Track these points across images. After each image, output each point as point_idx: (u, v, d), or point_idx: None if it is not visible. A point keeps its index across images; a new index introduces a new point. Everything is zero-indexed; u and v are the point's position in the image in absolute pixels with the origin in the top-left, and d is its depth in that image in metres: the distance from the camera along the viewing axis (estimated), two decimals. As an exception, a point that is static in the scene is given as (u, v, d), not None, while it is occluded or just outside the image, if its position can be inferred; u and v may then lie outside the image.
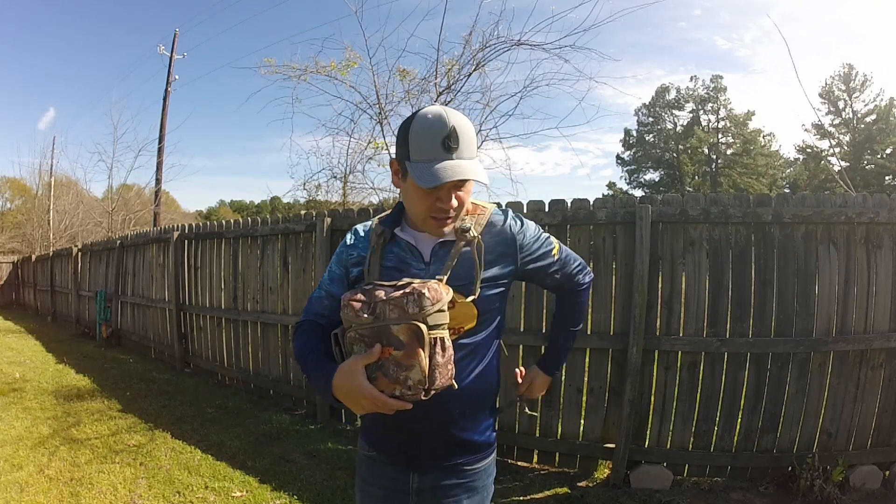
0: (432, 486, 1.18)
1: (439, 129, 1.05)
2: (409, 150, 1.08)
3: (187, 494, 2.90)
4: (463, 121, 1.07)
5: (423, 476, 1.18)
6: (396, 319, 0.99)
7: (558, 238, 1.40)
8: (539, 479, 3.07)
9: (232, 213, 49.71)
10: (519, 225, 1.22)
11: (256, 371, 4.86)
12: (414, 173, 1.06)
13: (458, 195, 1.09)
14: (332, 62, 6.17)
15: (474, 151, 1.10)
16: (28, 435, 3.79)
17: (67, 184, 20.30)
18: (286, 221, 4.59)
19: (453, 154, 1.05)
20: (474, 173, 1.06)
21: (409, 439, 1.17)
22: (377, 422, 1.15)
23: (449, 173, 1.03)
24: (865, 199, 2.90)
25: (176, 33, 16.00)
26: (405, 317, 0.99)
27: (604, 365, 3.09)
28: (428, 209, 1.10)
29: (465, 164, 1.06)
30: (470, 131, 1.08)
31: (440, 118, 1.06)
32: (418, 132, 1.07)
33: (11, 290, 16.26)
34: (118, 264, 7.65)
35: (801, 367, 2.89)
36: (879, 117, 31.26)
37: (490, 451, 1.25)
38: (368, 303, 1.03)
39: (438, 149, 1.05)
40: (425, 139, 1.06)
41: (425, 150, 1.06)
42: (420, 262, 1.15)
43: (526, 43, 5.38)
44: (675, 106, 39.76)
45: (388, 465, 1.20)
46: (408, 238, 1.17)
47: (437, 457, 1.18)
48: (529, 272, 1.25)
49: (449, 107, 1.11)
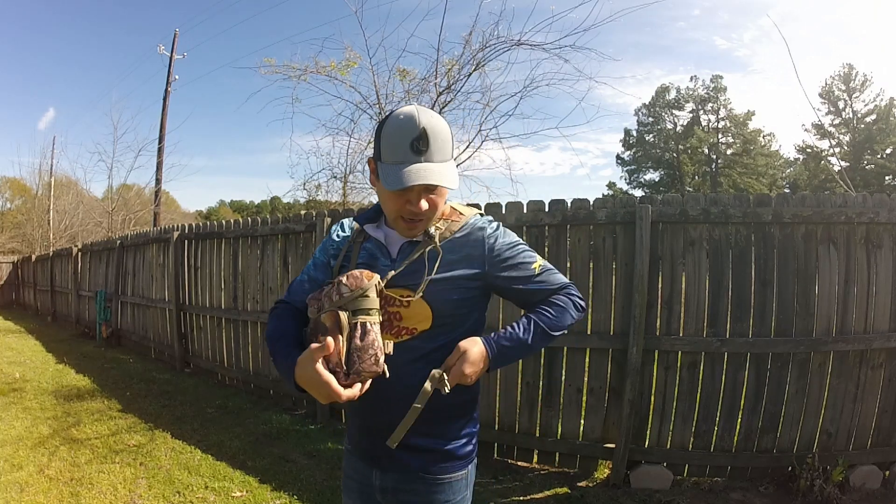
0: (393, 488, 1.17)
1: (409, 131, 1.03)
2: (380, 151, 1.07)
3: (187, 494, 2.90)
4: (436, 122, 1.05)
5: (384, 475, 1.17)
6: (326, 309, 1.03)
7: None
8: (539, 479, 3.07)
9: (232, 213, 49.72)
10: (493, 230, 1.16)
11: (256, 371, 4.86)
12: (382, 175, 1.05)
13: (430, 198, 1.07)
14: (332, 62, 6.18)
15: (447, 154, 1.07)
16: (28, 435, 3.79)
17: (67, 184, 20.32)
18: (286, 221, 4.59)
19: (422, 157, 1.03)
20: (441, 178, 1.03)
21: (369, 436, 1.18)
22: (351, 417, 1.21)
23: (413, 177, 1.01)
24: (865, 199, 2.90)
25: (176, 33, 16.00)
26: (332, 304, 1.03)
27: (604, 365, 3.09)
28: (398, 210, 1.08)
29: (433, 167, 1.03)
30: (443, 133, 1.05)
31: (411, 119, 1.03)
32: (389, 133, 1.05)
33: (11, 290, 16.26)
34: (118, 264, 7.65)
35: (801, 367, 2.89)
36: (879, 117, 31.26)
37: (461, 465, 1.18)
38: (318, 299, 1.06)
39: (407, 151, 1.03)
40: (395, 140, 1.04)
41: (395, 152, 1.04)
42: (387, 258, 1.15)
43: (526, 43, 5.39)
44: (675, 106, 39.78)
45: (358, 460, 1.22)
46: (378, 236, 1.18)
47: (393, 458, 1.14)
48: (502, 281, 1.15)
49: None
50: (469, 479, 1.21)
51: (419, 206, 1.06)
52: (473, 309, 1.17)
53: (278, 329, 1.14)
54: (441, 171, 1.03)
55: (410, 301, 1.09)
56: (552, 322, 1.15)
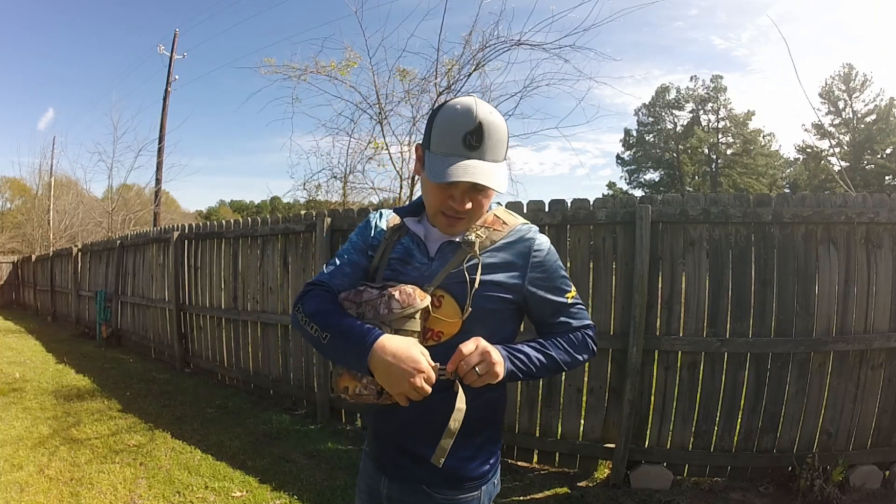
0: (398, 498, 1.11)
1: (464, 123, 0.96)
2: (430, 139, 1.01)
3: (187, 494, 2.90)
4: (494, 118, 0.98)
5: (391, 483, 1.12)
6: (371, 320, 0.98)
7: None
8: (539, 479, 3.07)
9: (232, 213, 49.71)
10: (543, 244, 1.09)
11: (256, 371, 4.86)
12: (428, 164, 0.99)
13: (475, 198, 1.01)
14: (332, 62, 6.19)
15: (501, 154, 1.00)
16: (28, 435, 3.79)
17: (67, 184, 20.33)
18: (286, 221, 4.59)
19: (474, 153, 0.97)
20: (490, 178, 0.96)
21: (377, 440, 1.15)
22: (367, 419, 1.17)
23: (460, 173, 0.95)
24: (865, 199, 2.90)
25: (176, 33, 16.01)
26: (377, 318, 0.98)
27: (604, 365, 3.09)
28: (440, 205, 1.02)
29: (483, 166, 0.97)
30: (499, 131, 0.99)
31: (468, 111, 0.97)
32: (443, 122, 0.99)
33: (11, 290, 16.26)
34: (118, 264, 7.65)
35: (801, 367, 2.89)
36: (879, 117, 31.26)
37: (472, 486, 1.08)
38: (355, 302, 1.02)
39: (459, 144, 0.97)
40: (448, 131, 0.98)
41: (445, 143, 0.98)
42: (425, 256, 1.08)
43: (526, 43, 5.40)
44: (675, 106, 39.79)
45: (371, 463, 1.19)
46: (418, 231, 1.10)
47: (399, 466, 1.09)
48: (534, 299, 1.08)
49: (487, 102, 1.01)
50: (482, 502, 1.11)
51: (462, 205, 1.00)
52: (506, 322, 1.09)
53: (327, 305, 1.03)
54: (491, 172, 0.97)
55: (442, 300, 1.03)
56: (566, 360, 1.10)
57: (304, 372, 4.38)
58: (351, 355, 0.96)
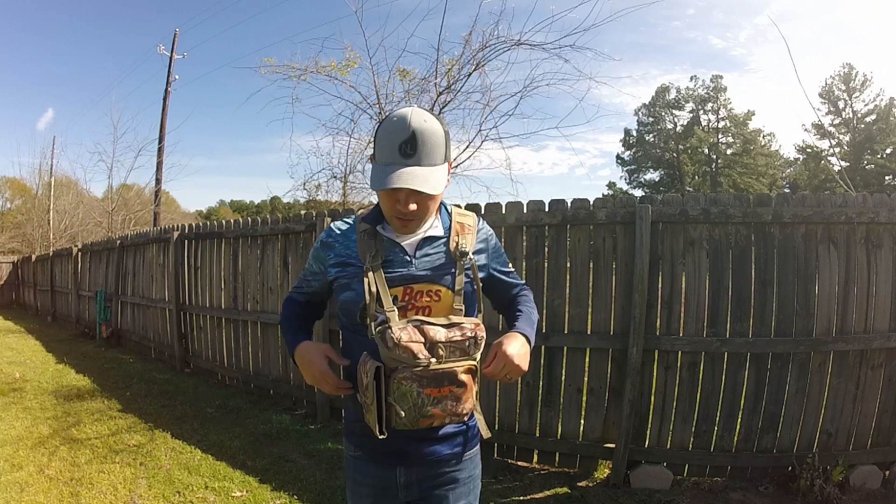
0: (418, 479, 1.20)
1: (399, 133, 1.05)
2: (375, 151, 1.11)
3: (187, 494, 2.90)
4: (428, 126, 1.06)
5: (410, 469, 1.19)
6: (459, 362, 1.07)
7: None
8: (539, 479, 3.07)
9: (232, 213, 49.71)
10: (492, 233, 1.32)
11: (256, 371, 4.86)
12: (372, 174, 1.09)
13: (418, 200, 1.09)
14: (332, 62, 6.19)
15: (438, 158, 1.08)
16: (28, 435, 3.79)
17: (67, 184, 20.32)
18: (286, 221, 4.59)
19: (410, 160, 1.05)
20: (424, 183, 1.04)
21: (392, 437, 1.14)
22: (360, 423, 1.16)
23: (395, 179, 1.03)
24: (865, 199, 2.90)
25: (176, 33, 16.00)
26: (466, 358, 1.08)
27: (604, 365, 3.09)
28: (390, 209, 1.12)
29: (418, 171, 1.04)
30: (433, 136, 1.07)
31: (402, 121, 1.05)
32: (382, 133, 1.08)
33: (11, 290, 16.25)
34: (118, 264, 7.65)
35: (801, 367, 2.89)
36: (879, 117, 31.26)
37: (473, 441, 1.26)
38: (426, 344, 1.05)
39: (395, 153, 1.05)
40: (385, 141, 1.07)
41: (384, 153, 1.07)
42: (405, 255, 1.17)
43: (526, 43, 5.40)
44: (675, 106, 39.79)
45: (369, 463, 1.21)
46: (390, 235, 1.18)
47: (421, 451, 1.18)
48: (493, 278, 1.30)
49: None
50: (479, 454, 1.30)
51: (407, 207, 1.09)
52: (475, 296, 1.24)
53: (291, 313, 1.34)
54: (425, 176, 1.05)
55: (441, 294, 1.15)
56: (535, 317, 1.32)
57: (304, 372, 4.37)
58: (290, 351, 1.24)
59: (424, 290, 1.14)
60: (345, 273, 1.19)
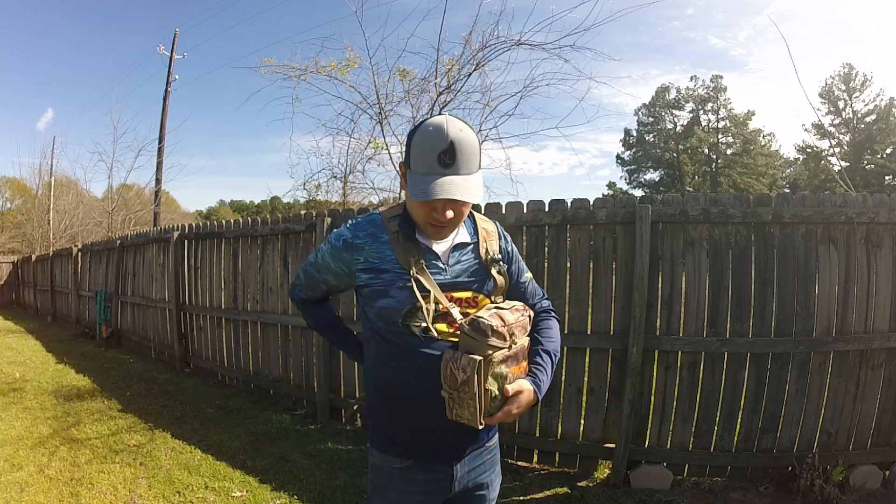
0: (469, 470, 1.23)
1: (437, 143, 1.06)
2: (410, 159, 1.11)
3: (187, 494, 2.90)
4: (464, 135, 1.08)
5: (462, 464, 1.21)
6: (524, 338, 1.16)
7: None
8: (539, 479, 3.07)
9: (232, 213, 49.70)
10: (510, 238, 1.35)
11: (256, 371, 4.86)
12: (410, 184, 1.10)
13: (455, 208, 1.11)
14: (332, 62, 6.19)
15: (474, 166, 1.10)
16: (28, 435, 3.79)
17: (67, 184, 20.32)
18: (286, 221, 4.59)
19: (449, 170, 1.07)
20: (465, 192, 1.07)
21: (444, 434, 1.17)
22: (407, 430, 1.18)
23: (438, 190, 1.05)
24: (865, 199, 2.90)
25: (176, 33, 16.00)
26: (525, 335, 1.17)
27: (604, 365, 3.09)
28: (426, 217, 1.13)
29: (458, 181, 1.07)
30: (470, 145, 1.08)
31: (440, 131, 1.06)
32: (418, 143, 1.09)
33: (11, 290, 16.25)
34: (118, 264, 7.65)
35: (801, 367, 2.89)
36: (879, 117, 31.25)
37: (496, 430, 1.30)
38: (506, 327, 1.10)
39: (434, 163, 1.07)
40: (423, 151, 1.08)
41: (422, 163, 1.08)
42: (438, 261, 1.18)
43: (526, 43, 5.39)
44: (675, 106, 39.77)
45: (425, 468, 1.19)
46: (425, 241, 1.19)
47: (472, 441, 1.21)
48: (513, 285, 1.31)
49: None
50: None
51: (444, 216, 1.11)
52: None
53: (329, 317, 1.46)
54: (465, 185, 1.07)
55: (478, 300, 1.20)
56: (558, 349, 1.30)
57: (304, 372, 4.38)
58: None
59: (463, 297, 1.18)
60: (379, 280, 1.16)
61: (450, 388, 1.08)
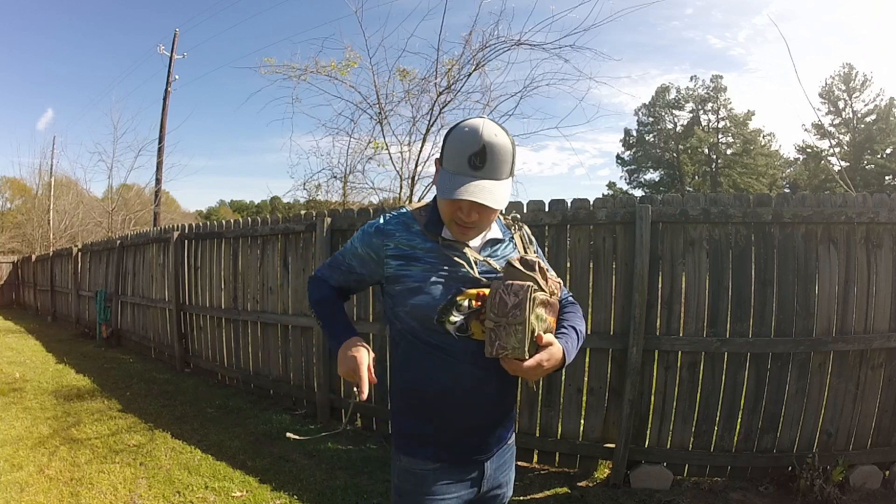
0: (495, 469, 1.24)
1: (470, 145, 1.06)
2: (443, 156, 1.12)
3: (187, 494, 2.90)
4: (499, 140, 1.07)
5: (491, 462, 1.22)
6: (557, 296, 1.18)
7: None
8: (539, 479, 3.07)
9: (232, 213, 49.71)
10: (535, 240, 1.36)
11: (256, 371, 4.86)
12: (439, 180, 1.11)
13: (481, 211, 1.10)
14: (332, 62, 6.20)
15: (505, 172, 1.09)
16: (28, 435, 3.79)
17: (67, 184, 20.34)
18: (286, 221, 4.59)
19: (478, 172, 1.06)
20: (490, 197, 1.05)
21: (474, 435, 1.19)
22: (439, 430, 1.17)
23: (463, 192, 1.05)
24: (865, 199, 2.90)
25: (176, 33, 16.00)
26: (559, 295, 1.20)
27: (604, 365, 3.09)
28: (452, 215, 1.13)
29: (486, 185, 1.06)
30: (503, 151, 1.07)
31: (474, 133, 1.06)
32: (453, 142, 1.09)
33: (11, 290, 16.25)
34: (118, 264, 7.65)
35: (801, 367, 2.89)
36: (879, 117, 31.25)
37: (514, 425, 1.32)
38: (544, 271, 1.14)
39: (464, 164, 1.06)
40: (456, 151, 1.08)
41: (454, 162, 1.08)
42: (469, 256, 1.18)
43: (526, 43, 5.40)
44: (675, 106, 39.78)
45: (458, 468, 1.19)
46: (452, 240, 1.18)
47: (499, 439, 1.23)
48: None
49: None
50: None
51: (469, 217, 1.11)
52: None
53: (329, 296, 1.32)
54: (492, 191, 1.06)
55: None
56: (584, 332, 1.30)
57: (304, 372, 4.38)
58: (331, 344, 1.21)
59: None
60: (408, 271, 1.15)
61: (497, 316, 1.05)
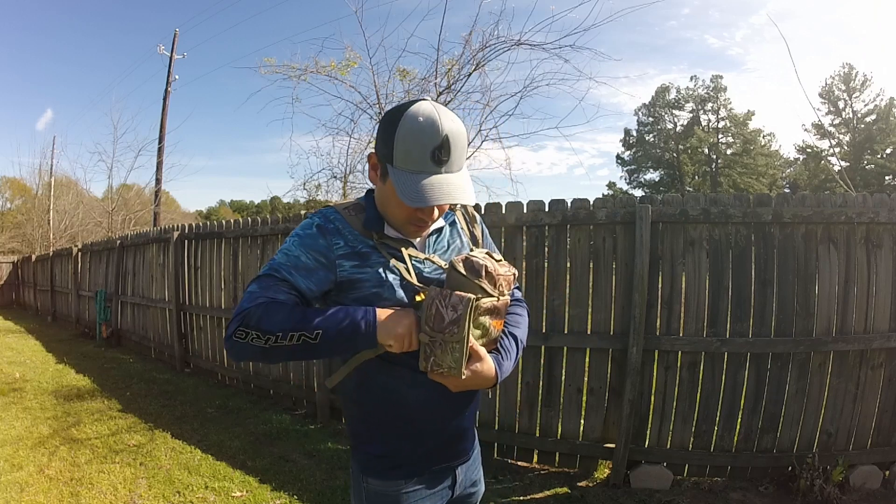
0: (466, 474, 1.20)
1: (430, 138, 0.93)
2: (392, 154, 0.96)
3: (187, 494, 2.90)
4: (456, 126, 0.96)
5: (461, 468, 1.18)
6: (506, 296, 1.03)
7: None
8: (539, 479, 3.07)
9: (232, 213, 49.71)
10: (479, 219, 1.26)
11: (256, 371, 4.86)
12: (398, 185, 0.95)
13: (441, 207, 1.03)
14: (332, 62, 6.17)
15: (464, 159, 0.99)
16: (28, 435, 3.79)
17: (67, 184, 20.31)
18: (286, 221, 4.59)
19: (443, 167, 0.95)
20: (463, 193, 0.96)
21: (446, 441, 1.13)
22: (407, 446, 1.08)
23: (436, 193, 0.93)
24: (865, 199, 2.90)
25: (176, 33, 16.00)
26: (510, 292, 1.05)
27: (604, 365, 3.09)
28: (408, 217, 1.02)
29: (454, 180, 0.96)
30: (463, 137, 0.97)
31: (433, 124, 0.93)
32: (406, 136, 0.94)
33: (11, 290, 16.25)
34: (118, 264, 7.65)
35: (801, 367, 2.89)
36: (879, 117, 31.25)
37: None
38: (498, 274, 0.99)
39: (427, 160, 0.94)
40: (413, 147, 0.94)
41: (412, 160, 0.94)
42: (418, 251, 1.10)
43: (526, 43, 5.39)
44: (675, 106, 39.78)
45: (432, 479, 1.12)
46: (397, 236, 1.07)
47: (469, 442, 1.19)
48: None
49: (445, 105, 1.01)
50: None
51: (432, 217, 1.02)
52: None
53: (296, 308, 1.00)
54: (462, 185, 0.97)
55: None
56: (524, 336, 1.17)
57: (304, 372, 4.38)
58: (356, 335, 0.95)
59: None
60: (363, 274, 1.01)
61: (432, 331, 0.94)
